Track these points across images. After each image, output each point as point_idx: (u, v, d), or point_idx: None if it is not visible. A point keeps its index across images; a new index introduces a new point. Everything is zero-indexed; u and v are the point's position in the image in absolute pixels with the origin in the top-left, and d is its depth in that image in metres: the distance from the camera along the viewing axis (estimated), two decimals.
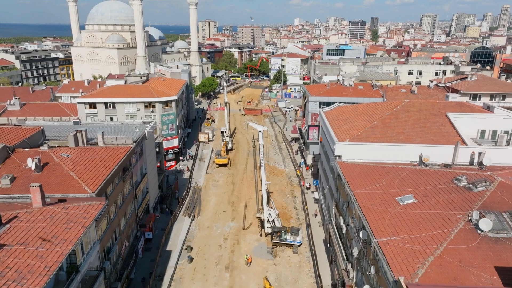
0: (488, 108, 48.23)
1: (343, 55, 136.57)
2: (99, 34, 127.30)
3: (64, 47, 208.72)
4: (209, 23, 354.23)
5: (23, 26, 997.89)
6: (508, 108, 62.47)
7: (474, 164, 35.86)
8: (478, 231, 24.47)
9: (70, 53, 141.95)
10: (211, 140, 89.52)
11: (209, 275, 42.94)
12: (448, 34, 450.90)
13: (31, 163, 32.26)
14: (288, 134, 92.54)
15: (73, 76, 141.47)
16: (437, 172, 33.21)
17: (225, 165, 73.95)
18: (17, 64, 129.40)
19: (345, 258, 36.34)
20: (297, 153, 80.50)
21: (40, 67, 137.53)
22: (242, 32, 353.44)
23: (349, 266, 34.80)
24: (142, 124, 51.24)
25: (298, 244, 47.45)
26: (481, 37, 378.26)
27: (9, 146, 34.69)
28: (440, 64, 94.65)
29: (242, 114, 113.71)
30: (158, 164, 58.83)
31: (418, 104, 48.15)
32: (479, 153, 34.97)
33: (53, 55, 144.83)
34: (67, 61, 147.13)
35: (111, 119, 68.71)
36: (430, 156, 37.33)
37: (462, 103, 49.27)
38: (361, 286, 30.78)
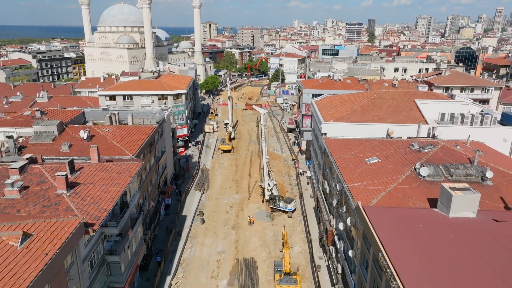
0: (451, 96, 57.65)
1: (337, 55, 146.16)
2: (111, 35, 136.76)
3: (72, 47, 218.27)
4: (210, 25, 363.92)
5: (24, 28, 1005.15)
6: (476, 99, 72.26)
7: (429, 137, 45.21)
8: (419, 176, 33.81)
9: (82, 53, 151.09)
10: (215, 131, 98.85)
11: (219, 232, 52.22)
12: (443, 36, 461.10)
13: (83, 134, 41.57)
14: (286, 126, 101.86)
15: (84, 74, 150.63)
16: (399, 141, 42.60)
17: (229, 151, 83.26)
18: (34, 63, 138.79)
19: (328, 212, 45.66)
20: (294, 144, 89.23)
21: (54, 66, 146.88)
22: (242, 34, 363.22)
23: (331, 217, 44.10)
24: (161, 110, 60.54)
25: (289, 210, 56.53)
26: (475, 39, 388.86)
27: (63, 123, 43.96)
28: (423, 62, 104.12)
29: (243, 109, 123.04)
30: (172, 148, 68.06)
31: (392, 93, 57.57)
32: (433, 128, 44.34)
33: (66, 55, 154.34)
34: (79, 60, 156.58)
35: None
36: (399, 133, 46.89)
37: (429, 92, 58.75)
38: (338, 229, 40.04)
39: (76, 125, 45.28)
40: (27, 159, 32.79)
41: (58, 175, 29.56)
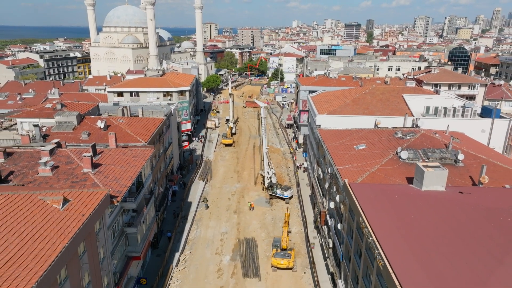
0: (436, 92, 62.22)
1: (335, 55, 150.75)
2: (116, 35, 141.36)
3: (76, 47, 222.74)
4: (210, 26, 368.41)
5: (25, 28, 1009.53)
6: (463, 95, 76.88)
7: (413, 127, 49.76)
8: (400, 159, 38.38)
9: (87, 52, 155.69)
10: (217, 127, 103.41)
11: (222, 216, 56.79)
12: (441, 36, 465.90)
13: (100, 124, 46.12)
14: (284, 122, 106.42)
15: (89, 73, 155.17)
16: (384, 130, 47.16)
17: (230, 144, 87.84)
18: (41, 62, 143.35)
19: (322, 195, 50.22)
20: (293, 140, 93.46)
21: (60, 65, 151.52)
22: (242, 34, 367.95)
23: (324, 199, 48.66)
24: (167, 105, 65.09)
25: (286, 197, 61.05)
26: (472, 39, 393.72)
27: (81, 114, 48.52)
28: (416, 61, 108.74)
29: (244, 106, 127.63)
30: (178, 140, 72.56)
31: (382, 89, 62.16)
32: (416, 119, 48.92)
33: (71, 55, 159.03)
34: (84, 60, 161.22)
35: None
36: (387, 125, 51.39)
37: (416, 87, 63.34)
38: (330, 208, 44.56)
39: (92, 116, 49.85)
40: (55, 143, 37.31)
41: (85, 156, 34.13)
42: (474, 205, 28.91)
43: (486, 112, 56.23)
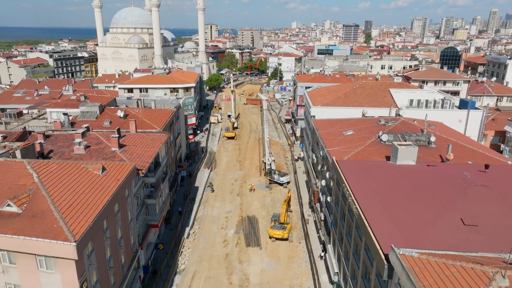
0: (421, 87, 68.52)
1: (332, 54, 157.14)
2: (122, 36, 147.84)
3: (80, 48, 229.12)
4: (211, 26, 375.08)
5: (26, 29, 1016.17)
6: (448, 91, 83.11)
7: (397, 116, 56.02)
8: (381, 141, 44.65)
9: (93, 52, 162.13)
10: (220, 122, 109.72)
11: (226, 198, 63.06)
12: (438, 37, 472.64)
13: (120, 113, 52.38)
14: (283, 118, 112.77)
15: (96, 72, 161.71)
16: (370, 119, 53.48)
17: (232, 137, 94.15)
18: (51, 62, 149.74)
19: (315, 177, 56.50)
20: (292, 136, 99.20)
21: (68, 64, 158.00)
22: (242, 35, 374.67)
23: (317, 180, 54.94)
24: (176, 99, 71.37)
25: (282, 182, 67.15)
26: (468, 39, 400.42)
27: (102, 105, 54.79)
28: (407, 60, 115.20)
29: (244, 103, 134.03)
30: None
31: (371, 84, 68.48)
32: (398, 109, 55.26)
33: (79, 55, 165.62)
34: (90, 59, 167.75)
35: (137, 104, 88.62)
36: (374, 115, 57.59)
37: (402, 82, 69.68)
38: (321, 186, 50.80)
39: (112, 107, 56.12)
40: (85, 127, 43.58)
41: (113, 137, 40.41)
42: (436, 174, 35.17)
43: (463, 104, 62.54)
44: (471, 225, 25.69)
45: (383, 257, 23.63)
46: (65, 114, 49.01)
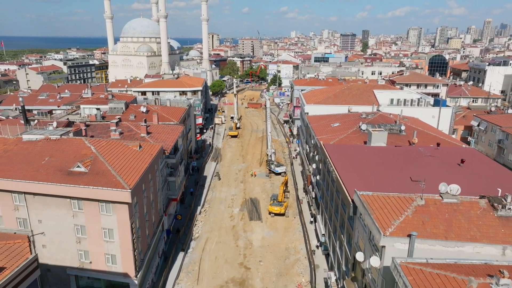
0: (401, 88, 78.31)
1: (327, 62, 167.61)
2: (132, 44, 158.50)
3: (88, 56, 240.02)
4: (212, 36, 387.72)
5: (30, 39, 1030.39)
6: (429, 93, 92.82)
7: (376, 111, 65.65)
8: (361, 130, 54.22)
9: (104, 60, 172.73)
10: (223, 123, 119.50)
11: (231, 184, 72.44)
12: (433, 46, 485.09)
13: (143, 108, 62.06)
14: (282, 119, 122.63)
15: (106, 79, 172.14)
16: (354, 114, 63.16)
17: (235, 136, 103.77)
18: (65, 69, 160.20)
19: (308, 164, 65.96)
20: (290, 137, 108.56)
21: (81, 71, 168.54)
22: (243, 44, 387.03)
23: (309, 166, 64.36)
24: (187, 99, 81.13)
25: (277, 172, 76.38)
26: (462, 48, 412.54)
27: (127, 102, 64.50)
28: (396, 66, 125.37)
29: (246, 107, 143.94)
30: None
31: (358, 86, 78.34)
32: (378, 106, 64.97)
33: (90, 62, 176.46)
34: (101, 67, 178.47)
35: (155, 102, 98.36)
36: (358, 112, 67.19)
37: (385, 85, 79.48)
38: (313, 169, 60.15)
39: (135, 104, 65.81)
40: (118, 118, 53.19)
41: (142, 124, 50.00)
42: (400, 152, 44.70)
43: (437, 103, 72.28)
44: (416, 181, 35.15)
45: (349, 199, 33.06)
46: (97, 109, 58.67)
